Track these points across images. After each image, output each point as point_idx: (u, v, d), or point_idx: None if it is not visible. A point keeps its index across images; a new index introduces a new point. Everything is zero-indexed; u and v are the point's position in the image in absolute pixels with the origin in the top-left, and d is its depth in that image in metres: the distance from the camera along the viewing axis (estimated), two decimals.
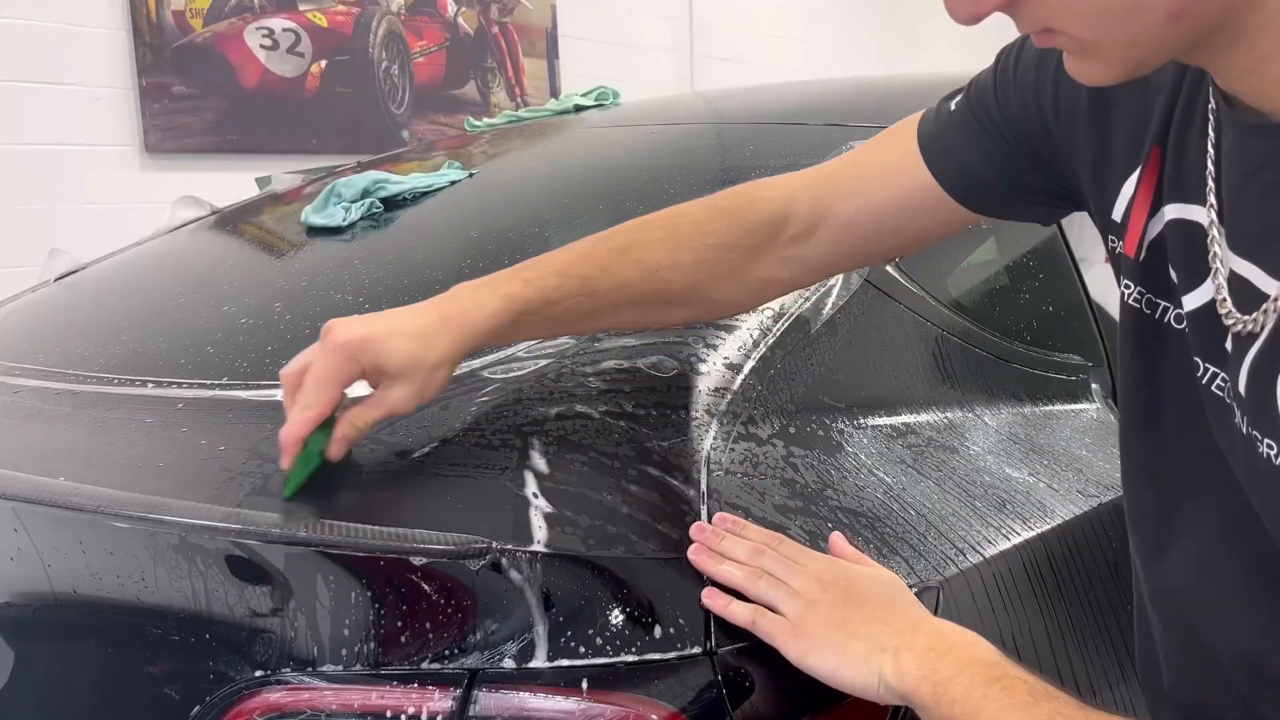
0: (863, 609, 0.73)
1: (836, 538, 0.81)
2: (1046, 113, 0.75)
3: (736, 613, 0.73)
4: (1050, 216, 0.86)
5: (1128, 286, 0.70)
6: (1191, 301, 0.64)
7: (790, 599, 0.73)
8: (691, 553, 0.74)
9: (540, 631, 0.70)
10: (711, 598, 0.73)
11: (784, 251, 0.87)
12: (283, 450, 0.76)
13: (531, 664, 0.69)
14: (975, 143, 0.80)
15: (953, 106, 0.83)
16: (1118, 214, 0.70)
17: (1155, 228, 0.67)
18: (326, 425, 0.77)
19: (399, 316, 0.78)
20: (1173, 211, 0.65)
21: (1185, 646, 0.73)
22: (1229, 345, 0.60)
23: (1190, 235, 0.64)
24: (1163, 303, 0.68)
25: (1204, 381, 0.63)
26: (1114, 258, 0.73)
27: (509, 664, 0.70)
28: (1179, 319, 0.66)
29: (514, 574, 0.71)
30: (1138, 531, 0.77)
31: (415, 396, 0.78)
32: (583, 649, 0.70)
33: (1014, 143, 0.79)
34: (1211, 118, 0.62)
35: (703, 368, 0.88)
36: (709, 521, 0.77)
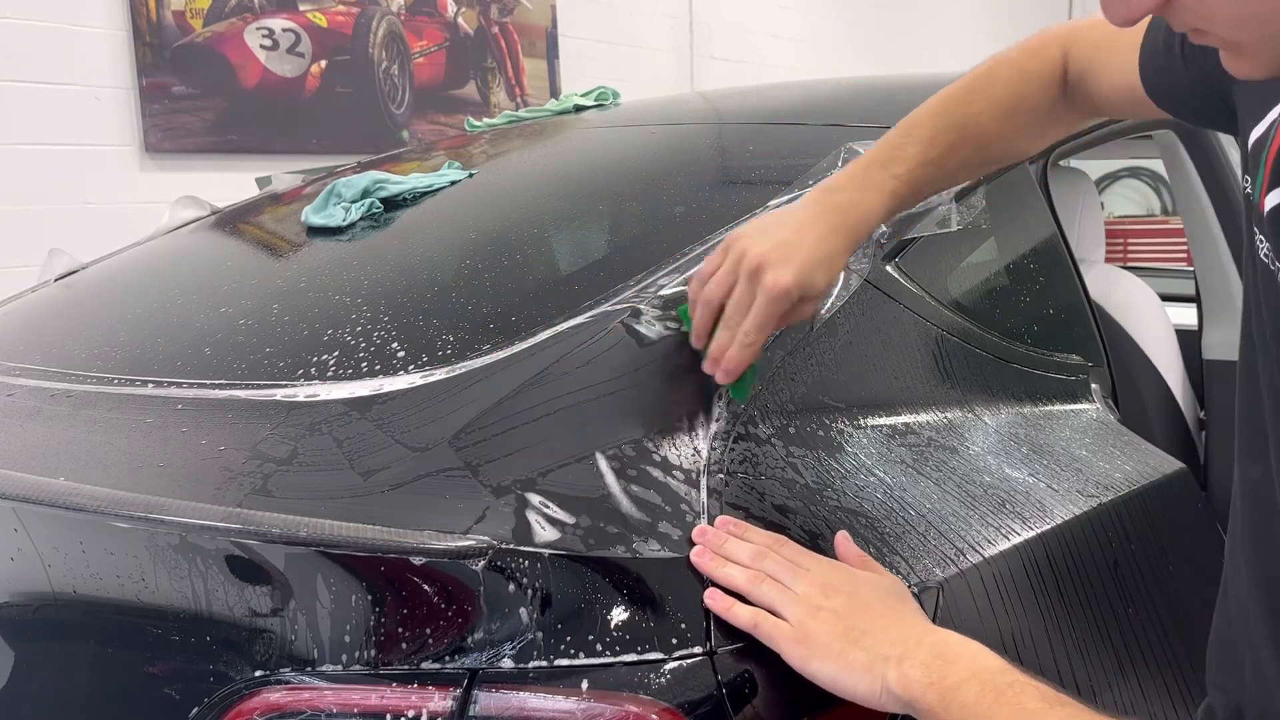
0: (865, 617, 0.73)
1: (842, 538, 0.81)
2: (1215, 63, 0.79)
3: (739, 615, 0.73)
4: (1229, 127, 0.88)
5: (1257, 236, 0.70)
6: None
7: (793, 604, 0.73)
8: (694, 555, 0.75)
9: (540, 631, 0.70)
10: (714, 599, 0.73)
11: (1067, 100, 0.96)
12: (726, 373, 0.84)
13: (531, 664, 0.70)
14: (1177, 63, 0.85)
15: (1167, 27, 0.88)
16: (1253, 138, 0.70)
17: None
18: None
19: (811, 247, 0.85)
20: None
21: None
22: None
23: None
24: None
25: None
26: (1246, 201, 0.73)
27: (509, 664, 0.70)
28: None
29: (514, 574, 0.71)
30: (1248, 505, 0.74)
31: (818, 307, 0.90)
32: (583, 649, 0.70)
33: (1200, 79, 0.82)
34: None
35: (704, 368, 0.88)
36: (709, 523, 0.77)
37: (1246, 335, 0.74)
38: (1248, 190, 0.71)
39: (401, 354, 0.95)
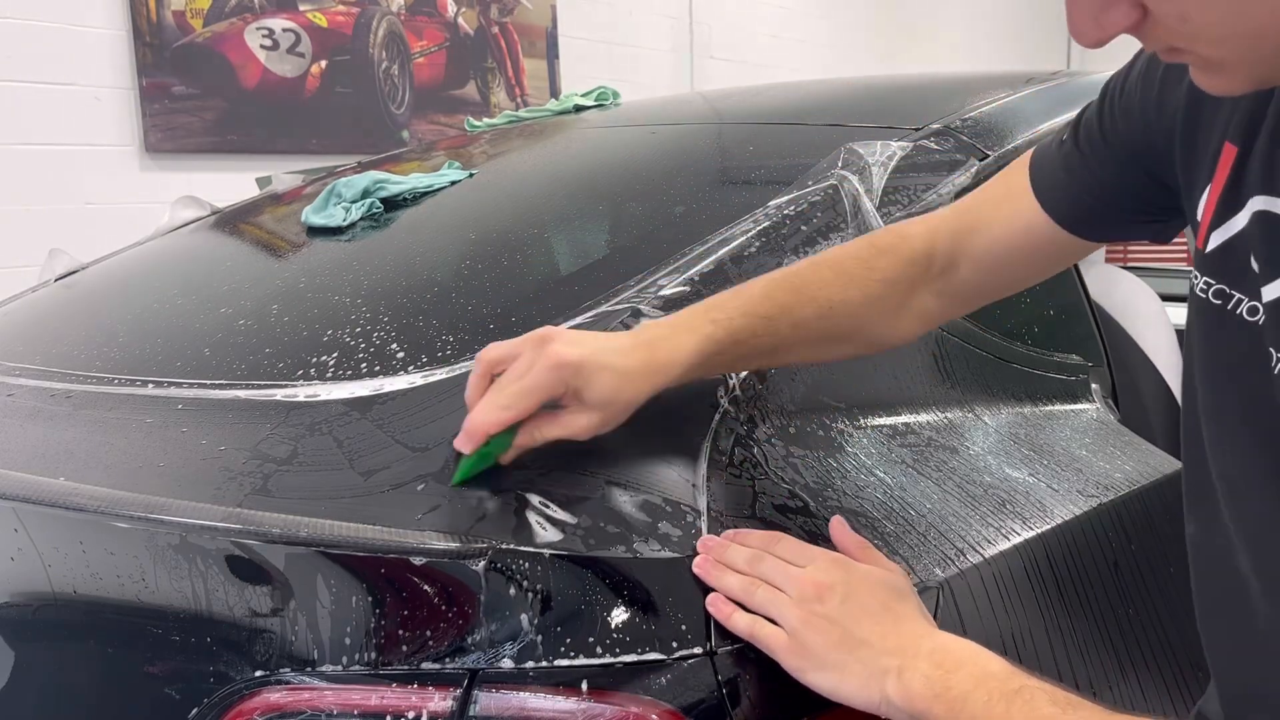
0: (862, 622, 0.71)
1: (837, 524, 0.80)
2: (1150, 120, 0.78)
3: (737, 623, 0.72)
4: (1165, 232, 0.88)
5: (1195, 277, 0.72)
6: (1271, 292, 0.66)
7: (787, 608, 0.72)
8: (696, 564, 0.74)
9: (540, 631, 0.70)
10: (715, 606, 0.73)
11: (935, 285, 0.92)
12: (467, 437, 0.76)
13: (531, 664, 0.69)
14: (1082, 176, 0.84)
15: (1062, 140, 0.86)
16: (1198, 212, 0.73)
17: (1240, 221, 0.68)
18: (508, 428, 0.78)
19: (609, 350, 0.79)
20: (1260, 204, 0.67)
21: (1246, 635, 0.73)
22: None
23: (1277, 227, 0.66)
24: (1237, 294, 0.69)
25: (1277, 372, 0.65)
26: (1193, 254, 0.75)
27: (509, 664, 0.70)
28: (1253, 310, 0.67)
29: (514, 574, 0.71)
30: (1198, 524, 0.78)
31: (597, 427, 0.79)
32: (583, 649, 0.70)
33: (1123, 166, 0.81)
34: None
35: None
36: (709, 523, 0.77)
37: (1187, 381, 0.75)
38: (1190, 248, 0.74)
39: (402, 354, 0.95)
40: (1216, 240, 0.70)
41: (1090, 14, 0.56)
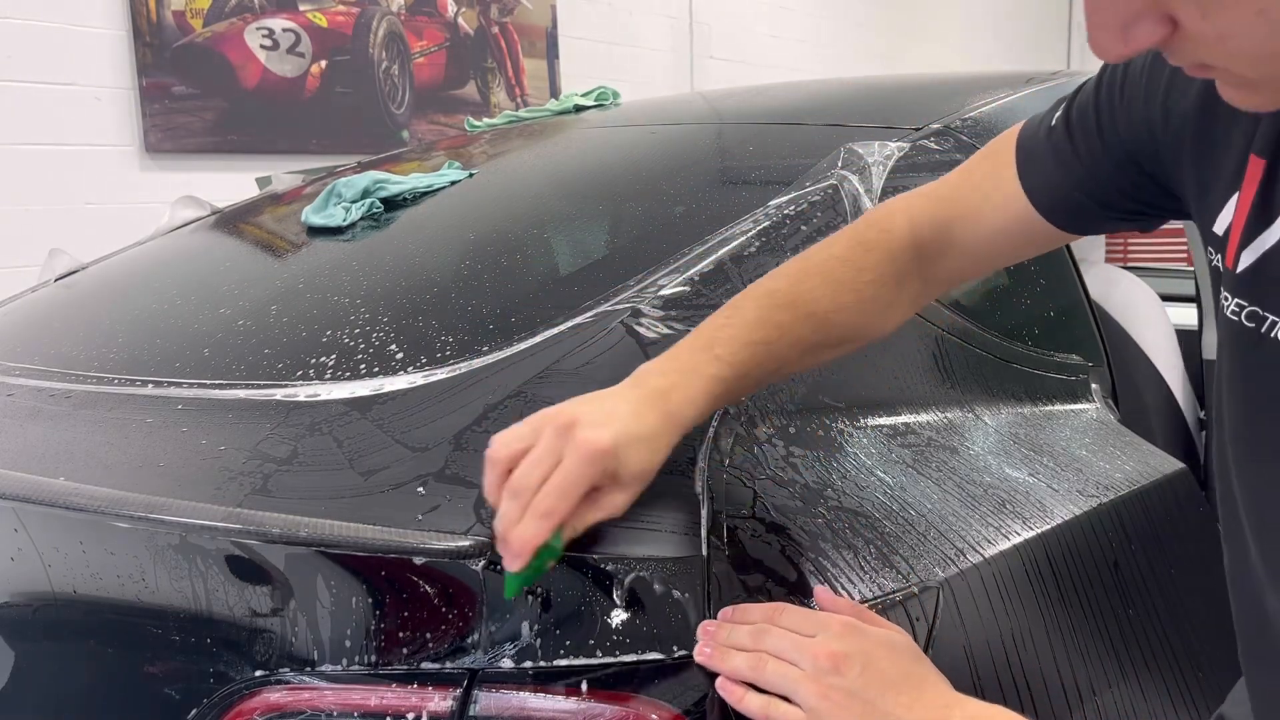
0: (885, 695, 0.67)
1: (823, 594, 0.76)
2: (1155, 124, 0.75)
3: (750, 705, 0.68)
4: (1151, 225, 0.86)
5: (1226, 299, 0.69)
6: None
7: (802, 683, 0.68)
8: (697, 653, 0.70)
9: (540, 631, 0.70)
10: (725, 689, 0.69)
11: (921, 273, 0.90)
12: (514, 556, 0.68)
13: (531, 664, 0.69)
14: (1069, 167, 0.81)
15: (1051, 124, 0.84)
16: (1220, 227, 0.70)
17: (1273, 237, 0.65)
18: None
19: (628, 417, 0.73)
20: None
21: None
22: None
23: None
24: (1271, 316, 0.66)
25: None
26: (1213, 271, 0.72)
27: (509, 664, 0.70)
28: None
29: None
30: (1231, 557, 0.74)
31: (633, 499, 0.74)
32: (583, 649, 0.70)
33: (1118, 164, 0.79)
34: None
35: None
36: (709, 522, 0.77)
37: (1217, 408, 0.73)
38: (1214, 263, 0.71)
39: (401, 354, 0.95)
40: (1248, 259, 0.67)
41: (1115, 29, 0.52)
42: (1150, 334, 1.66)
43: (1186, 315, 1.87)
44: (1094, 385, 1.27)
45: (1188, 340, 1.79)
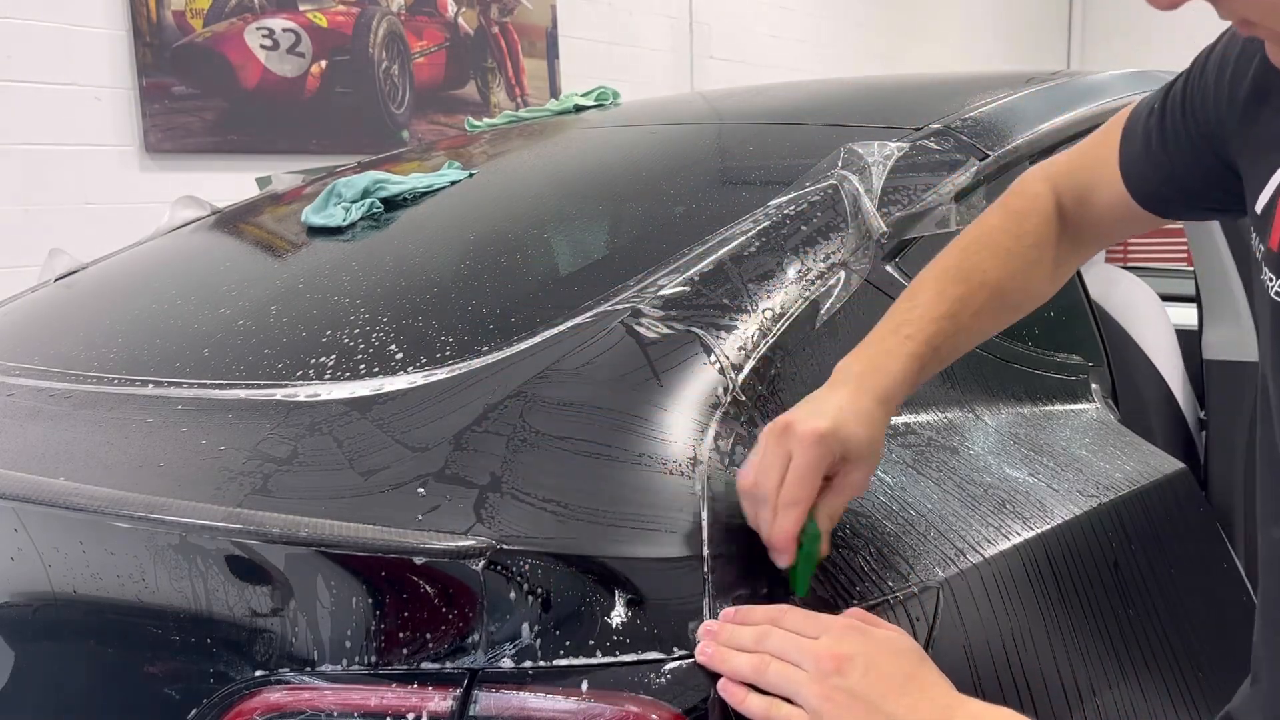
0: (888, 696, 0.67)
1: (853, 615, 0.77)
2: (1223, 109, 0.78)
3: (752, 706, 0.68)
4: (1234, 217, 0.89)
5: (1270, 280, 0.71)
6: None
7: (805, 686, 0.68)
8: (699, 652, 0.71)
9: (540, 631, 0.70)
10: (726, 690, 0.69)
11: (1068, 234, 0.95)
12: (780, 551, 0.75)
13: (531, 664, 0.70)
14: (1159, 156, 0.86)
15: (1152, 109, 0.88)
16: (1260, 205, 0.71)
17: None
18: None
19: (839, 404, 0.79)
20: None
21: None
22: None
23: None
24: None
25: None
26: (1255, 263, 0.74)
27: (509, 664, 0.70)
28: None
29: (514, 574, 0.71)
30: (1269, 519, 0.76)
31: (869, 476, 0.80)
32: (582, 649, 0.70)
33: (1197, 148, 0.82)
34: None
35: (703, 368, 0.88)
36: (709, 522, 0.77)
37: (1262, 385, 0.74)
38: (1257, 251, 0.72)
39: (401, 354, 0.95)
40: None
41: None
42: (1150, 334, 1.66)
43: (1186, 315, 1.87)
44: (1094, 385, 1.27)
45: (1187, 340, 1.79)
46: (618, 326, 0.92)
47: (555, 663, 0.70)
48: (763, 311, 0.96)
